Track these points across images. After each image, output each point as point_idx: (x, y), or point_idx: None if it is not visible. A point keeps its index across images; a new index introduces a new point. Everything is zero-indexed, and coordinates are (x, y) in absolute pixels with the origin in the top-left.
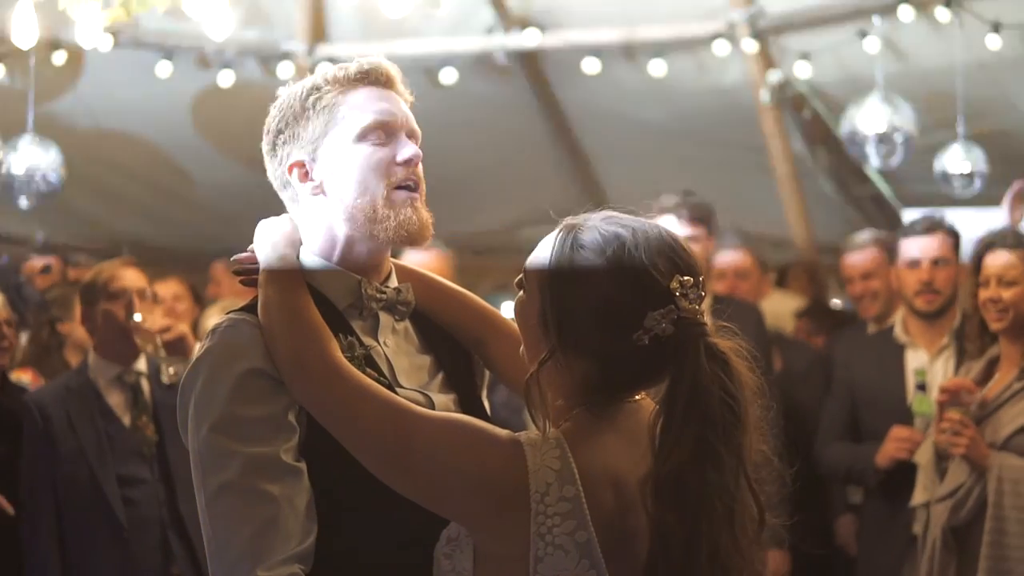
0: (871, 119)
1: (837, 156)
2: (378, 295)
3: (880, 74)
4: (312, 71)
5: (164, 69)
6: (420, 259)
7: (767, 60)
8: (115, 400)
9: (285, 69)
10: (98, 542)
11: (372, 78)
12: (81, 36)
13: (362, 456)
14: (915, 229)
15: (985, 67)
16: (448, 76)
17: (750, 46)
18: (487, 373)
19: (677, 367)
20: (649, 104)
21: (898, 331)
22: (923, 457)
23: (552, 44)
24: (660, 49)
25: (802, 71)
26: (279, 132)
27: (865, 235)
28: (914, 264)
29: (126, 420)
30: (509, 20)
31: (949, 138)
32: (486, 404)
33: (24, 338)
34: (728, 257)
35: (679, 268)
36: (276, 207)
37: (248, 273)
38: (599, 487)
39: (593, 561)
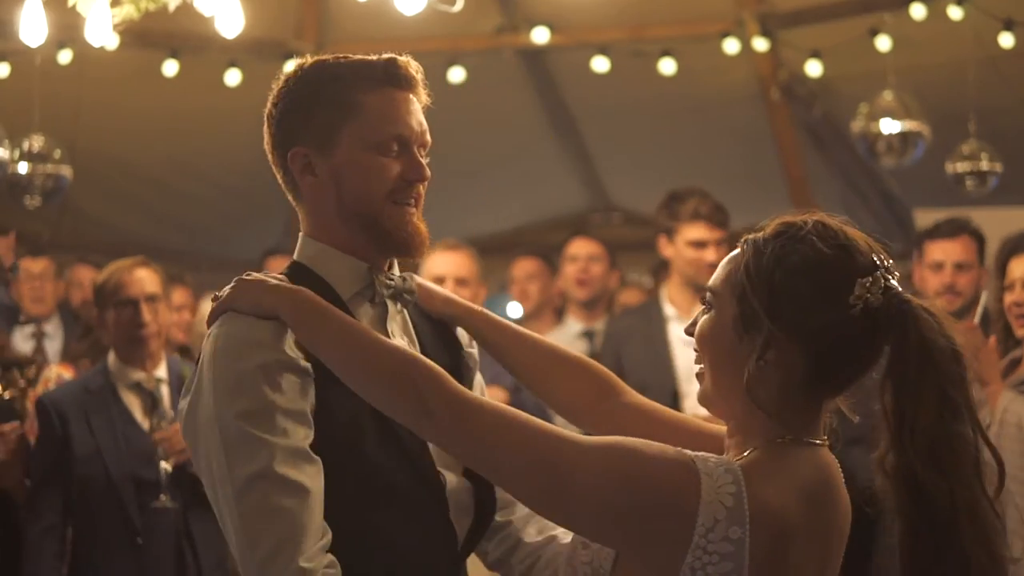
0: (882, 117)
1: (848, 155)
2: (388, 281)
3: (891, 72)
4: None
5: (171, 68)
6: (450, 259)
7: (777, 58)
8: (134, 404)
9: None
10: (112, 546)
11: (400, 79)
12: (90, 34)
13: (515, 493)
14: (940, 232)
15: (997, 64)
16: (456, 74)
17: (760, 44)
18: (475, 376)
19: (900, 331)
20: (657, 103)
21: None
22: None
23: (561, 43)
24: (670, 47)
25: (813, 69)
26: (286, 113)
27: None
28: (938, 267)
29: (145, 425)
30: (518, 18)
31: (961, 136)
32: None
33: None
34: None
35: (874, 249)
36: (282, 208)
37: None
38: (765, 533)
39: None
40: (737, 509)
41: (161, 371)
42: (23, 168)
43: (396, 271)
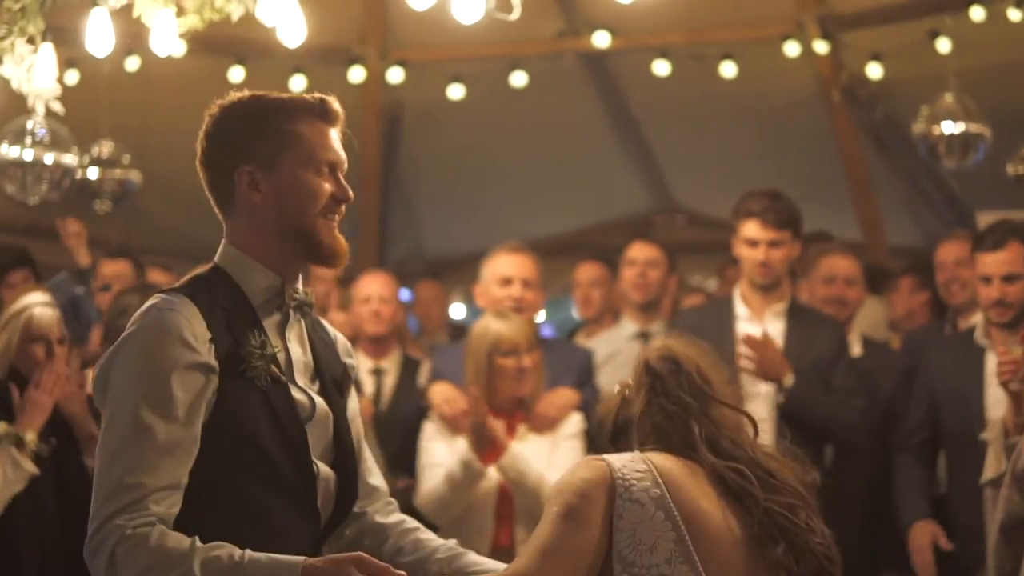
0: (943, 119)
1: (910, 156)
2: (294, 295)
3: (952, 74)
4: (384, 76)
5: (237, 74)
6: (517, 261)
7: (838, 60)
8: None
9: (356, 73)
10: None
11: (330, 116)
12: (156, 44)
13: None
14: (985, 243)
15: None
16: (519, 79)
17: (821, 47)
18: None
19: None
20: (719, 106)
21: (978, 334)
22: (992, 433)
23: (622, 47)
24: (730, 50)
25: (873, 71)
26: (232, 136)
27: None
28: (986, 280)
29: None
30: (579, 22)
31: (1022, 138)
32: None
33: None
34: (837, 263)
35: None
36: (347, 211)
37: None
38: (670, 475)
39: (667, 514)
40: (637, 460)
41: None
42: (93, 173)
43: (301, 285)
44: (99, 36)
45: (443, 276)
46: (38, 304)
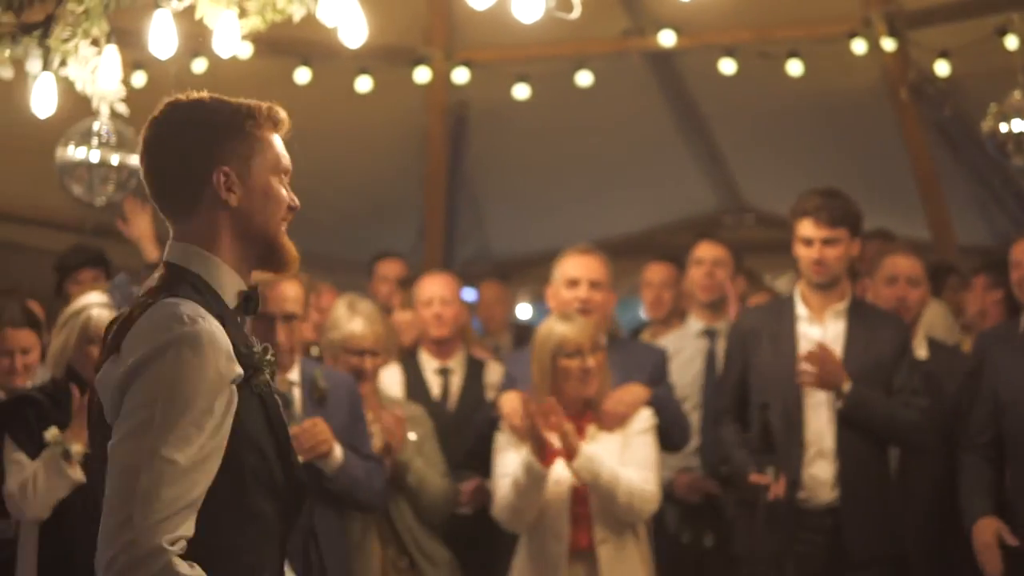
0: (1012, 117)
1: (980, 155)
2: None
3: (1021, 71)
4: (449, 76)
5: (303, 75)
6: (584, 262)
7: (905, 58)
8: None
9: (422, 74)
10: None
11: (281, 124)
12: (219, 45)
13: None
14: None
15: None
16: (584, 78)
17: (888, 44)
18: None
19: None
20: (786, 104)
21: None
22: None
23: (687, 45)
24: (797, 48)
25: (941, 69)
26: (208, 136)
27: None
28: None
29: None
30: (644, 21)
31: None
32: None
33: None
34: (899, 263)
35: None
36: (415, 211)
37: None
38: None
39: None
40: None
41: (294, 375)
42: None
43: None
44: (162, 38)
45: (510, 276)
46: (96, 305)
